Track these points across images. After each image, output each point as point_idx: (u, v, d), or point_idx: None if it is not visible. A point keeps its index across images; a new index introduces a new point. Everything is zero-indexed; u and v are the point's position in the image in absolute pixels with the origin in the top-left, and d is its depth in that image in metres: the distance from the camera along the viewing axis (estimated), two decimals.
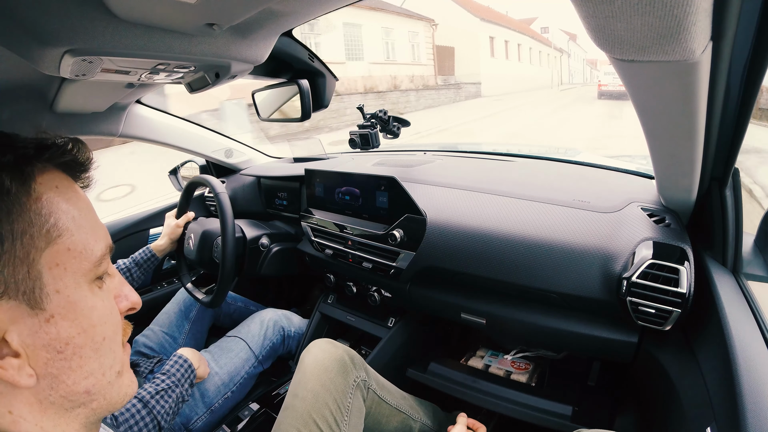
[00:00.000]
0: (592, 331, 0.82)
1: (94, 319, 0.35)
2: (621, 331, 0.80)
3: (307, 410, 0.72)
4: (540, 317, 0.88)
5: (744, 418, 0.47)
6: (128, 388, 0.40)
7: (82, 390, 0.35)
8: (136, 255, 1.18)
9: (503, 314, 0.93)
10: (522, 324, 0.90)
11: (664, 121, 0.50)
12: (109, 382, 0.37)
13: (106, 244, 0.37)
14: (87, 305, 0.34)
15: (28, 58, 0.53)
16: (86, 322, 0.34)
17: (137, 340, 1.21)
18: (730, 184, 0.66)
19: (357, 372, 0.82)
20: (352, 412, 0.77)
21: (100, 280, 0.36)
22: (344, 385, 0.78)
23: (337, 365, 0.79)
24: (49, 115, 1.00)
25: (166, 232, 1.26)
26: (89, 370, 0.35)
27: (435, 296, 1.03)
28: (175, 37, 0.59)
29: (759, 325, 0.59)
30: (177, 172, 1.72)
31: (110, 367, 0.37)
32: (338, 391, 0.76)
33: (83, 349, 0.34)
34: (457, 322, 1.03)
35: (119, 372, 0.38)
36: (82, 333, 0.34)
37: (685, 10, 0.28)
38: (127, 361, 0.40)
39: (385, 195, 1.04)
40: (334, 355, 0.81)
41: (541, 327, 0.88)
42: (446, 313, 1.03)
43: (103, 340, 0.36)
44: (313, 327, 1.34)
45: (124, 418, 0.79)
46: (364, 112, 1.27)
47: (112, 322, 0.37)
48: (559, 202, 0.90)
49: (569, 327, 0.85)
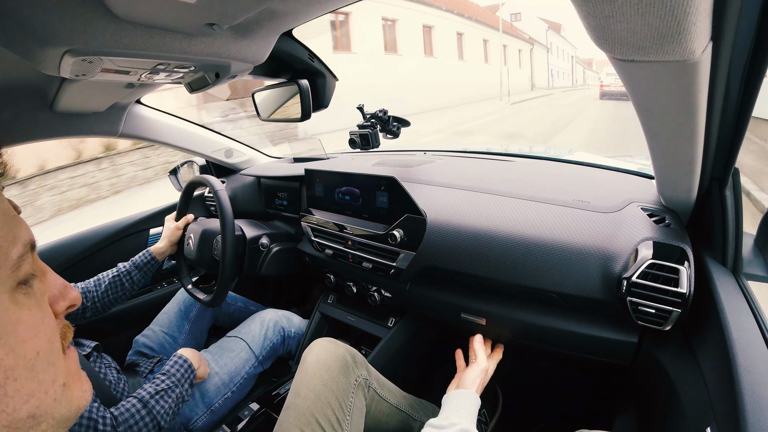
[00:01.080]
0: (591, 331, 0.82)
1: (21, 333, 0.30)
2: (621, 331, 0.80)
3: (310, 409, 0.72)
4: (540, 317, 0.88)
5: (744, 418, 0.47)
6: (80, 400, 0.35)
7: (25, 416, 0.30)
8: (136, 258, 1.18)
9: (503, 314, 0.92)
10: (522, 323, 0.90)
11: (664, 121, 0.50)
12: (55, 399, 0.32)
13: (25, 242, 0.32)
14: (10, 320, 0.29)
15: (28, 58, 0.53)
16: (12, 340, 0.29)
17: (137, 340, 1.21)
18: (730, 184, 0.66)
19: (359, 371, 0.82)
20: (353, 411, 0.76)
21: (24, 285, 0.31)
22: (346, 384, 0.78)
23: (339, 364, 0.79)
24: (49, 115, 1.00)
25: (165, 235, 1.26)
26: (28, 393, 0.30)
27: (434, 296, 1.03)
28: (175, 37, 0.59)
29: (759, 325, 0.59)
30: (177, 172, 1.73)
31: (52, 383, 0.32)
32: (340, 390, 0.76)
33: (15, 371, 0.29)
34: (456, 327, 1.04)
35: (65, 384, 0.33)
36: (10, 353, 0.29)
37: (685, 10, 0.28)
38: (74, 368, 0.36)
39: (385, 195, 1.04)
40: (336, 353, 0.81)
41: (541, 326, 0.88)
42: (446, 314, 1.03)
43: (37, 355, 0.31)
44: (313, 327, 1.34)
45: (124, 418, 0.79)
46: (364, 112, 1.27)
47: (45, 331, 0.32)
48: (559, 202, 0.90)
49: (569, 327, 0.84)
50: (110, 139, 1.24)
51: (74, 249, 1.37)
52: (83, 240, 1.41)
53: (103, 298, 1.10)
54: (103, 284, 1.11)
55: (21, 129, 0.99)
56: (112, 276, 1.13)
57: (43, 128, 1.02)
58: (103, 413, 0.76)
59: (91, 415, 0.74)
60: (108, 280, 1.12)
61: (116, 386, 0.96)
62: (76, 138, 1.12)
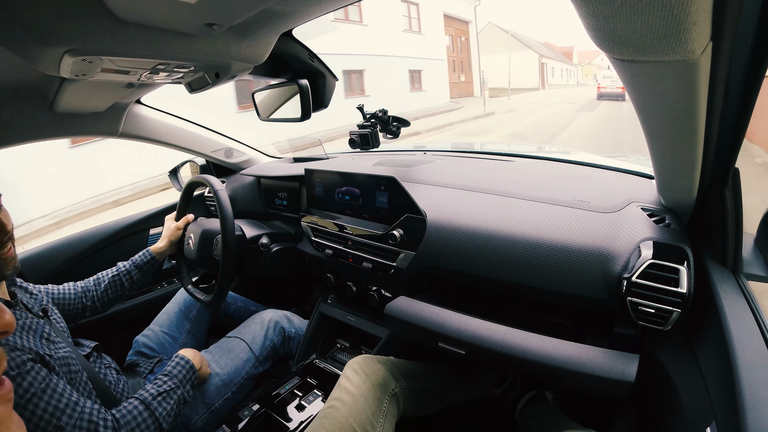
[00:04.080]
0: (584, 368, 0.71)
1: None
2: (617, 366, 0.70)
3: (344, 416, 0.77)
4: (529, 350, 0.76)
5: (744, 418, 0.47)
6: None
7: None
8: (135, 258, 1.18)
9: (486, 345, 0.80)
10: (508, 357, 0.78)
11: (665, 121, 0.50)
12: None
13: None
14: None
15: (28, 58, 0.53)
16: None
17: (137, 340, 1.21)
18: (730, 184, 0.66)
19: (396, 382, 0.88)
20: (386, 417, 0.83)
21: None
22: (382, 393, 0.85)
23: (379, 380, 0.86)
24: (49, 115, 1.00)
25: (165, 235, 1.26)
26: None
27: (411, 322, 0.90)
28: (175, 37, 0.59)
29: (759, 325, 0.59)
30: (177, 172, 1.73)
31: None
32: (376, 399, 0.83)
33: None
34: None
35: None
36: None
37: (685, 10, 0.28)
38: (5, 413, 0.31)
39: (385, 195, 1.04)
40: (378, 372, 0.87)
41: (530, 361, 0.76)
42: (423, 340, 0.92)
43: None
44: (312, 327, 1.34)
45: (126, 420, 0.78)
46: (364, 112, 1.27)
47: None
48: (559, 202, 0.90)
49: (560, 362, 0.73)
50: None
51: (74, 249, 1.37)
52: (83, 240, 1.41)
53: (103, 297, 1.10)
54: (102, 283, 1.11)
55: (21, 129, 0.99)
56: (112, 275, 1.13)
57: (43, 128, 1.02)
58: (104, 415, 0.76)
59: (92, 417, 0.73)
60: (108, 279, 1.12)
61: (116, 387, 0.96)
62: (76, 138, 1.12)
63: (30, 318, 0.81)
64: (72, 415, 0.71)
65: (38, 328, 0.81)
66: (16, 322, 0.77)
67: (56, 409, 0.69)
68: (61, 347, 0.83)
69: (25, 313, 0.81)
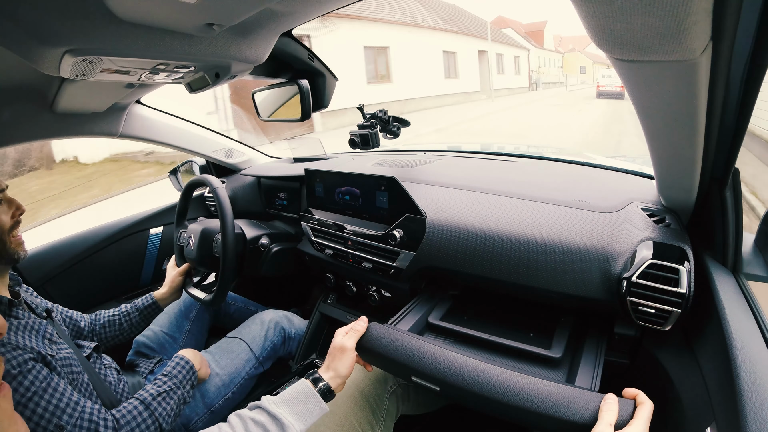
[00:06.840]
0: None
1: None
2: None
3: (345, 414, 0.78)
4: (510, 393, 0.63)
5: (744, 418, 0.47)
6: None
7: None
8: (138, 301, 1.18)
9: (460, 384, 0.67)
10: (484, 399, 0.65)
11: (665, 121, 0.50)
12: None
13: None
14: None
15: (28, 58, 0.53)
16: None
17: (137, 340, 1.21)
18: (730, 184, 0.66)
19: (395, 380, 0.88)
20: (386, 415, 0.84)
21: None
22: (382, 391, 0.86)
23: (378, 377, 0.86)
24: (49, 115, 1.00)
25: (167, 281, 1.25)
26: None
27: (382, 355, 0.76)
28: (175, 37, 0.59)
29: (759, 325, 0.59)
30: (177, 172, 1.73)
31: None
32: (377, 396, 0.84)
33: None
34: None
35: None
36: None
37: (685, 10, 0.28)
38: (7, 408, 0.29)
39: (385, 195, 1.04)
40: (377, 369, 0.86)
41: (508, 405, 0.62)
42: (396, 373, 0.84)
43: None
44: (312, 327, 1.34)
45: (126, 420, 0.78)
46: (364, 112, 1.27)
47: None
48: (559, 202, 0.90)
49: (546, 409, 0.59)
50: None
51: (75, 249, 1.37)
52: (83, 240, 1.41)
53: (101, 334, 1.11)
54: (102, 319, 1.12)
55: (21, 129, 0.99)
56: (111, 315, 1.13)
57: (43, 128, 1.02)
58: (105, 415, 0.76)
59: (92, 417, 0.74)
60: (106, 318, 1.12)
61: (116, 387, 0.96)
62: (76, 138, 1.12)
63: (33, 318, 0.81)
64: (72, 415, 0.71)
65: (41, 328, 0.81)
66: (19, 322, 0.77)
67: (57, 409, 0.70)
68: (63, 348, 0.83)
69: (28, 313, 0.82)
